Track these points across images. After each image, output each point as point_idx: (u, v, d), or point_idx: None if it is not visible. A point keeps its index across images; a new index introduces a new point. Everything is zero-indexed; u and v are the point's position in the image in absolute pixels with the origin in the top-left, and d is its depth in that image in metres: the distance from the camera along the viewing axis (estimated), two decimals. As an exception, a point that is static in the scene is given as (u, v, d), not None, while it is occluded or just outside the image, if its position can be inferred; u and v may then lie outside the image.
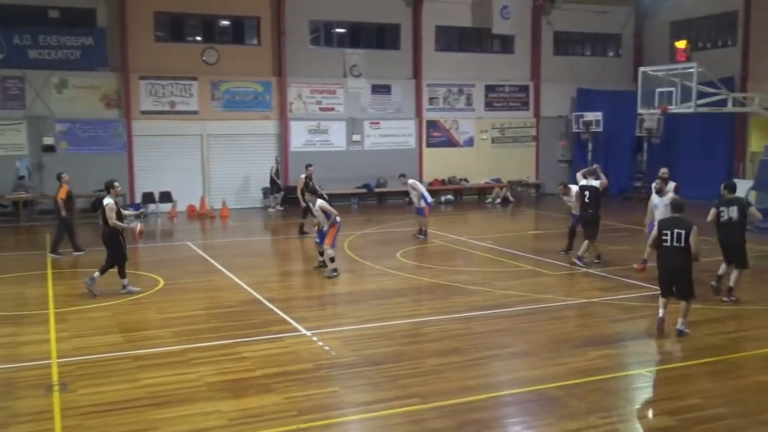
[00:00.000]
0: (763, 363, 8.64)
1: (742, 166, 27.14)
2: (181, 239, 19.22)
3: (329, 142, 27.18)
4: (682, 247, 9.50)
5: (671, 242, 9.54)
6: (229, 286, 13.34)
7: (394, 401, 7.48)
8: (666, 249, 9.61)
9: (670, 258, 9.62)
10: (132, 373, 8.46)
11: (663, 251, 9.68)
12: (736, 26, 27.55)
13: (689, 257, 9.55)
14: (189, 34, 25.92)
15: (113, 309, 11.54)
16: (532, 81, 30.29)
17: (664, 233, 9.64)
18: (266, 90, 26.25)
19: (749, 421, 6.91)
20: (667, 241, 9.57)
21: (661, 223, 9.95)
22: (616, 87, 30.00)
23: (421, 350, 9.33)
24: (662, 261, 9.78)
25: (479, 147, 29.66)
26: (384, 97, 27.96)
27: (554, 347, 9.32)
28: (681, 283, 9.71)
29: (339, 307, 12.09)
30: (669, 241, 9.56)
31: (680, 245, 9.50)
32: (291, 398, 7.60)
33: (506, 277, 13.84)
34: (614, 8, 30.86)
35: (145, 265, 15.73)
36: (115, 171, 23.80)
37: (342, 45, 27.55)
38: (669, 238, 9.56)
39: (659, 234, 9.70)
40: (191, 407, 7.39)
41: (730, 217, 11.71)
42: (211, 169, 25.55)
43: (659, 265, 9.90)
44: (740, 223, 11.78)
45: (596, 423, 6.93)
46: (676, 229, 9.58)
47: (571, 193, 15.66)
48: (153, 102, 24.74)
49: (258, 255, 16.97)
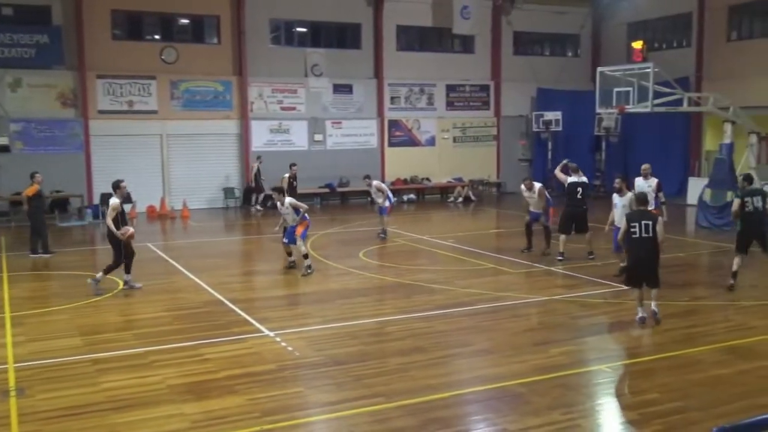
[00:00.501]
0: (718, 357, 8.84)
1: (697, 164, 27.74)
2: (142, 241, 18.89)
3: (291, 142, 27.06)
4: (650, 237, 10.02)
5: (640, 233, 10.01)
6: (191, 287, 13.20)
7: (358, 401, 7.49)
8: (636, 240, 10.06)
9: (641, 248, 10.08)
10: (92, 376, 8.32)
11: (634, 243, 10.10)
12: (691, 27, 28.16)
13: (657, 246, 10.09)
14: (147, 33, 25.58)
15: (72, 312, 11.34)
16: (492, 81, 30.54)
17: (632, 225, 10.08)
18: (227, 89, 26.03)
19: (706, 414, 7.07)
20: (637, 233, 10.02)
21: (629, 217, 10.33)
22: (575, 87, 30.43)
23: (385, 349, 9.35)
24: (634, 252, 10.19)
25: (441, 146, 29.82)
26: (346, 96, 27.94)
27: (516, 345, 9.41)
28: (652, 270, 10.20)
29: (302, 307, 12.05)
30: (638, 233, 10.01)
31: (649, 235, 10.02)
32: (254, 399, 7.56)
33: (468, 276, 13.94)
34: (572, 9, 31.29)
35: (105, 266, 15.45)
36: (72, 171, 23.52)
37: (303, 44, 27.44)
38: (638, 229, 10.02)
39: (628, 227, 10.09)
40: (153, 410, 7.30)
41: (756, 207, 12.26)
42: (171, 170, 25.26)
43: (631, 257, 10.30)
44: (764, 211, 12.35)
45: (558, 419, 7.02)
46: (643, 220, 10.08)
47: (535, 189, 15.77)
48: (111, 101, 24.36)
49: (220, 256, 16.83)
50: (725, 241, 17.59)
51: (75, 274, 14.41)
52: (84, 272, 14.82)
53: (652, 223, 10.08)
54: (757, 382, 8.00)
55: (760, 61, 25.24)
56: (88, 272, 14.89)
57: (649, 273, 10.22)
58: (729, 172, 19.76)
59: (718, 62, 26.99)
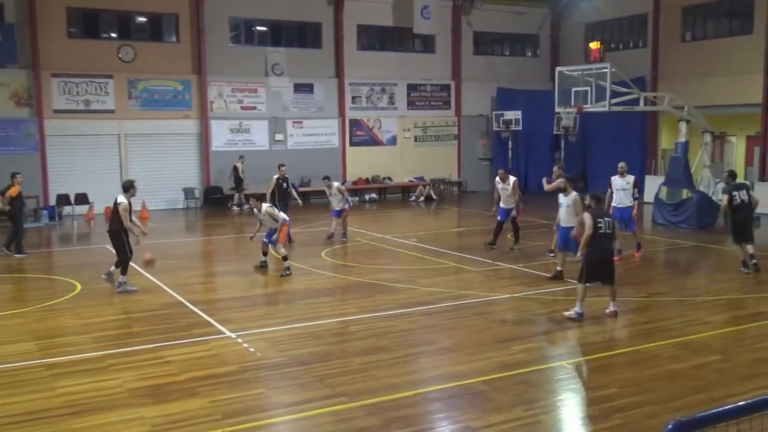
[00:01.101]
0: (674, 352, 9.00)
1: (654, 162, 28.24)
2: (99, 242, 18.60)
3: (251, 142, 26.86)
4: (612, 233, 10.36)
5: (605, 229, 10.26)
6: (150, 289, 13.01)
7: (321, 401, 7.46)
8: (602, 236, 10.25)
9: (605, 244, 10.32)
10: (46, 382, 8.14)
11: (599, 239, 10.24)
12: (646, 28, 28.63)
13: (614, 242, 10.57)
14: (104, 31, 25.15)
15: (26, 316, 11.09)
16: (453, 80, 30.70)
17: (599, 221, 10.25)
18: (186, 88, 25.73)
19: (663, 407, 7.19)
20: (603, 228, 10.23)
21: (595, 214, 10.43)
22: (534, 86, 30.74)
23: (348, 349, 9.32)
24: (598, 247, 10.28)
25: (402, 146, 29.88)
26: (306, 95, 27.83)
27: (478, 342, 9.47)
28: (611, 266, 10.50)
29: (264, 307, 11.95)
30: (604, 228, 10.25)
31: (611, 232, 10.36)
32: (216, 402, 7.47)
33: (430, 275, 13.98)
34: (531, 10, 31.62)
35: (61, 269, 15.21)
36: (27, 172, 22.83)
37: (263, 43, 27.26)
38: (604, 225, 10.25)
39: (595, 223, 10.22)
40: (111, 415, 7.17)
41: (743, 200, 13.30)
42: (129, 170, 24.83)
43: (594, 252, 10.30)
44: (750, 204, 13.43)
45: (520, 415, 7.08)
46: (606, 217, 10.45)
47: (509, 182, 15.72)
48: (66, 100, 23.91)
49: (180, 257, 16.60)
50: (681, 237, 17.96)
51: (29, 277, 14.11)
52: (40, 275, 14.55)
53: (612, 221, 10.45)
54: (712, 375, 8.16)
55: (713, 61, 25.79)
56: (43, 275, 14.63)
57: (610, 268, 10.45)
58: (684, 171, 20.15)
59: (672, 62, 27.51)
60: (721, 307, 11.30)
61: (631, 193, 14.99)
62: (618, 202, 15.02)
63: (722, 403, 6.83)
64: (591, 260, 10.39)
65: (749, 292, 12.35)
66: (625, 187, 15.07)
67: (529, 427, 6.86)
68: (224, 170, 25.91)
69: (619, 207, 14.98)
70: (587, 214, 10.50)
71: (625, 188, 15.05)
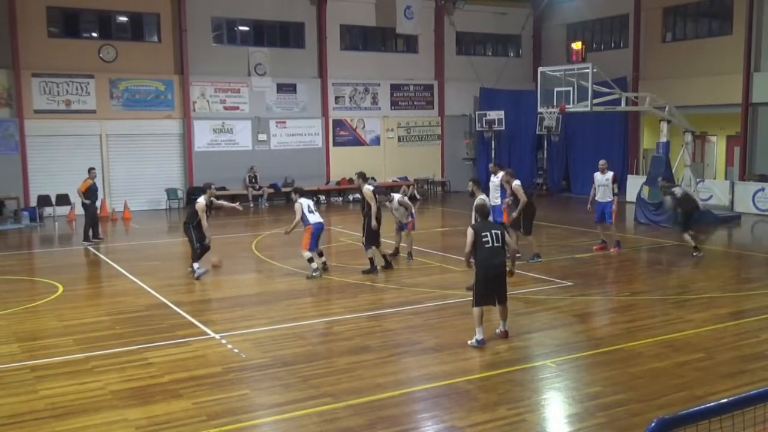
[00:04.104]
0: (656, 350, 9.07)
1: (635, 162, 28.45)
2: (81, 243, 18.49)
3: (234, 142, 26.78)
4: (501, 246, 9.43)
5: (492, 243, 9.32)
6: (133, 290, 12.94)
7: (306, 401, 7.45)
8: (489, 250, 9.30)
9: (495, 257, 9.35)
10: (29, 384, 8.08)
11: (487, 253, 9.29)
12: (628, 28, 28.85)
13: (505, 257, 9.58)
14: (85, 30, 24.96)
15: (8, 318, 10.99)
16: (436, 80, 30.76)
17: (483, 235, 9.32)
18: (168, 88, 25.59)
19: (647, 405, 7.25)
20: (489, 242, 9.30)
21: (477, 228, 9.49)
22: (516, 87, 30.89)
23: (333, 349, 9.32)
24: (488, 261, 9.30)
25: (386, 146, 29.90)
26: (289, 95, 27.77)
27: (463, 342, 9.47)
28: (504, 282, 9.56)
29: (248, 308, 11.90)
30: (491, 242, 9.30)
31: (500, 245, 9.40)
32: (200, 403, 7.44)
33: (415, 275, 14.00)
34: (513, 10, 31.76)
35: (43, 271, 15.07)
36: (7, 173, 22.79)
37: (246, 43, 27.17)
38: (489, 239, 9.31)
39: (479, 237, 9.29)
40: (95, 417, 7.12)
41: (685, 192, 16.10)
42: (111, 170, 24.70)
43: (484, 268, 9.31)
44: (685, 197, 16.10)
45: (505, 414, 7.11)
46: (492, 230, 9.46)
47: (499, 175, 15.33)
48: (47, 100, 23.70)
49: (163, 258, 16.52)
50: (663, 236, 18.11)
51: (11, 279, 13.98)
52: (21, 277, 14.42)
53: (501, 232, 9.50)
54: (694, 373, 8.24)
55: (693, 61, 26.04)
56: (25, 276, 14.50)
57: (501, 285, 9.47)
58: (666, 170, 20.31)
59: (653, 63, 27.74)
60: (702, 305, 11.41)
61: (611, 189, 15.81)
62: (600, 197, 15.97)
63: (705, 400, 6.92)
64: (481, 279, 9.34)
65: (730, 291, 12.48)
66: (605, 183, 15.90)
67: (513, 425, 6.89)
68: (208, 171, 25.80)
69: (601, 201, 15.96)
70: (469, 229, 9.52)
71: (605, 184, 15.88)
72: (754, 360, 8.72)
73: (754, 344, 9.37)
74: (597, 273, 14.06)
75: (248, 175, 26.52)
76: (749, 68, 24.38)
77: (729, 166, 26.86)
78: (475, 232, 9.34)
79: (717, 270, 14.41)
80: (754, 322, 10.42)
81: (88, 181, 18.54)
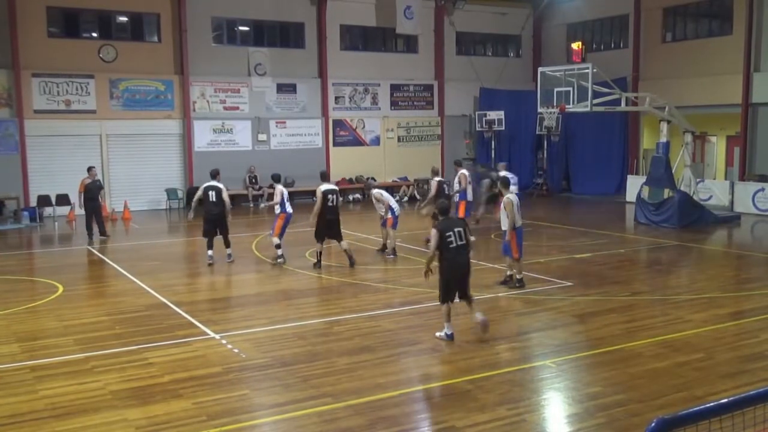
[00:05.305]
0: (656, 350, 9.08)
1: (635, 162, 28.46)
2: (81, 243, 18.50)
3: (234, 142, 26.77)
4: (464, 244, 9.53)
5: (456, 242, 9.41)
6: (133, 290, 12.94)
7: (306, 401, 7.45)
8: (454, 249, 9.41)
9: (459, 257, 9.49)
10: (29, 384, 8.08)
11: (452, 252, 9.39)
12: (628, 29, 28.85)
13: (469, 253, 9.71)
14: (85, 30, 24.95)
15: (8, 318, 10.99)
16: (436, 80, 30.75)
17: (447, 235, 9.40)
18: (168, 88, 25.59)
19: (646, 406, 7.25)
20: (453, 242, 9.39)
21: (441, 227, 9.58)
22: (516, 87, 30.88)
23: (332, 349, 9.32)
24: (452, 261, 9.43)
25: (386, 146, 29.89)
26: (289, 96, 27.77)
27: (463, 342, 9.49)
28: (467, 279, 9.68)
29: (248, 308, 11.90)
30: (455, 241, 9.40)
31: (463, 242, 9.50)
32: (200, 403, 7.44)
33: (414, 275, 13.97)
34: (513, 10, 31.76)
35: (43, 271, 15.08)
36: (7, 173, 22.79)
37: (246, 43, 27.17)
38: (453, 238, 9.39)
39: (443, 237, 9.39)
40: (95, 417, 7.13)
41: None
42: (111, 171, 24.70)
43: (449, 267, 9.45)
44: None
45: (505, 414, 7.12)
46: (455, 228, 9.54)
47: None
48: (47, 100, 23.70)
49: (163, 258, 16.51)
50: (663, 236, 18.11)
51: (11, 279, 13.99)
52: (21, 277, 14.42)
53: (462, 230, 9.59)
54: (694, 374, 8.24)
55: (693, 61, 26.05)
56: (25, 276, 14.51)
57: (464, 284, 9.62)
58: (666, 170, 20.31)
59: (653, 63, 27.74)
60: (702, 305, 11.41)
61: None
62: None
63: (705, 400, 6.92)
64: (445, 278, 9.51)
65: (730, 291, 12.48)
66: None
67: (513, 426, 6.89)
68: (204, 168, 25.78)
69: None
70: (433, 230, 9.63)
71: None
72: (754, 360, 8.72)
73: (754, 344, 9.37)
74: (597, 273, 14.06)
75: (248, 175, 26.55)
76: (749, 68, 24.38)
77: (729, 166, 26.86)
78: (440, 233, 9.40)
79: (717, 270, 14.41)
80: (754, 322, 10.43)
81: (85, 181, 18.75)
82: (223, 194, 15.00)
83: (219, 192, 15.02)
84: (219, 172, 15.76)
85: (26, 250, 18.71)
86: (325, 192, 14.47)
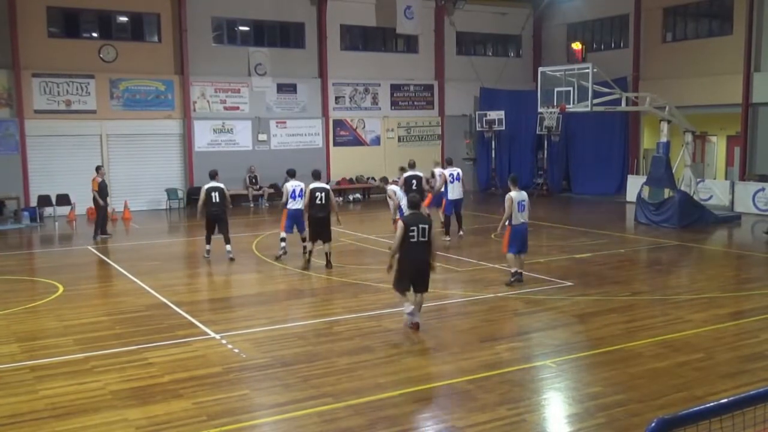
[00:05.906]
0: (656, 350, 9.07)
1: (636, 162, 28.45)
2: (82, 243, 18.51)
3: (235, 142, 26.77)
4: (426, 241, 9.72)
5: (418, 237, 9.65)
6: (133, 290, 12.94)
7: (306, 401, 7.45)
8: (414, 244, 9.65)
9: (417, 253, 9.70)
10: (29, 384, 8.08)
11: (411, 247, 9.66)
12: (628, 28, 28.84)
13: (431, 250, 9.85)
14: (85, 30, 24.94)
15: (8, 318, 10.99)
16: (436, 80, 30.75)
17: (411, 229, 9.66)
18: (168, 88, 25.58)
19: (646, 406, 7.25)
20: (415, 237, 9.64)
21: (406, 220, 9.88)
22: (517, 86, 30.87)
23: (333, 349, 9.32)
24: (410, 256, 9.71)
25: (386, 145, 29.88)
26: (290, 96, 27.77)
27: (463, 342, 9.50)
28: (425, 275, 9.89)
29: (248, 308, 11.90)
30: (416, 237, 9.64)
31: (425, 239, 9.71)
32: (200, 403, 7.44)
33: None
34: (513, 10, 31.75)
35: (43, 271, 15.08)
36: (7, 173, 22.79)
37: (246, 43, 27.16)
38: (416, 233, 9.65)
39: (407, 231, 9.65)
40: (95, 417, 7.13)
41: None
42: (111, 170, 24.65)
43: (407, 261, 9.76)
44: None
45: (505, 414, 7.11)
46: (420, 224, 9.74)
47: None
48: (47, 101, 23.69)
49: (163, 258, 16.51)
50: (663, 236, 18.11)
51: (11, 279, 13.98)
52: (22, 277, 14.42)
53: (428, 227, 9.81)
54: (694, 373, 8.24)
55: (693, 61, 26.04)
56: (25, 276, 14.51)
57: (423, 278, 9.87)
58: (666, 170, 20.30)
59: (653, 63, 27.73)
60: (702, 305, 11.41)
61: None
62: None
63: (704, 400, 6.92)
64: (401, 270, 9.83)
65: (730, 291, 12.48)
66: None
67: (513, 425, 6.89)
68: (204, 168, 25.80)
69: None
70: (400, 222, 9.87)
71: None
72: (754, 360, 8.72)
73: (754, 344, 9.37)
74: (597, 273, 14.05)
75: (248, 175, 26.55)
76: (749, 68, 24.38)
77: (729, 166, 26.86)
78: (405, 226, 9.71)
79: (717, 270, 14.41)
80: (754, 322, 10.42)
81: (97, 179, 18.96)
82: (226, 193, 15.59)
83: (222, 191, 15.45)
84: (218, 173, 16.06)
85: (26, 250, 18.72)
86: (312, 189, 14.42)
